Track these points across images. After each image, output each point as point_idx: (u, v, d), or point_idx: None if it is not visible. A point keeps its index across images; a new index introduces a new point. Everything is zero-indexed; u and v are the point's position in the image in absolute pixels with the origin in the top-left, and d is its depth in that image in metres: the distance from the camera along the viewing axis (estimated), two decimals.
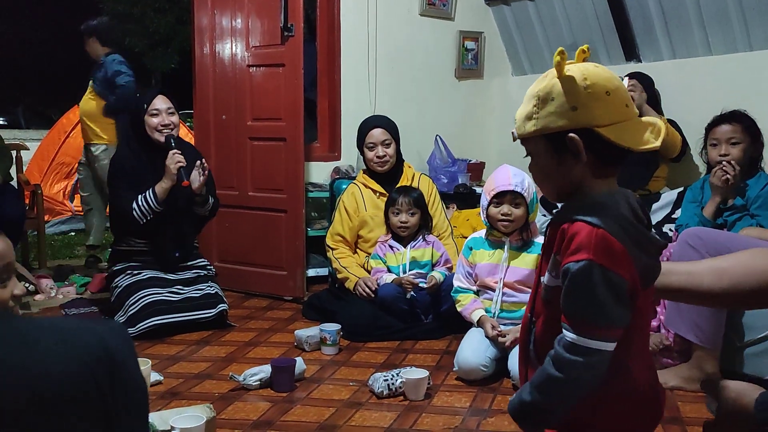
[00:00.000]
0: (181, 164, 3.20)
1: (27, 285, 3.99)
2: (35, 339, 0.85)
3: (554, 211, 3.76)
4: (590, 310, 1.12)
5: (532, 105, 1.21)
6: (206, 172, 3.27)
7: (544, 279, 1.24)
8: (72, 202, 6.63)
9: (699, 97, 3.67)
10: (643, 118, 1.20)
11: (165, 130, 3.29)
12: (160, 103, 3.31)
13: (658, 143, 1.16)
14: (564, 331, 1.15)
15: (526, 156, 1.28)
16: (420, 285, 3.21)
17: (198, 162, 3.27)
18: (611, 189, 1.20)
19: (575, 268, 1.12)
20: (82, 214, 6.47)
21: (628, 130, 1.16)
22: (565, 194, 1.25)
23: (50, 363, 0.83)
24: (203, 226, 3.61)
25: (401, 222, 3.31)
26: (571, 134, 1.16)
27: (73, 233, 6.37)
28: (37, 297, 3.91)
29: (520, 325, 2.68)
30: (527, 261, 2.71)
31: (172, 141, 3.27)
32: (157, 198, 3.20)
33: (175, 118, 3.35)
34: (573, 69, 1.18)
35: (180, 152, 3.24)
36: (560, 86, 1.17)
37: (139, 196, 3.22)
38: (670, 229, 3.16)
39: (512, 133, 1.28)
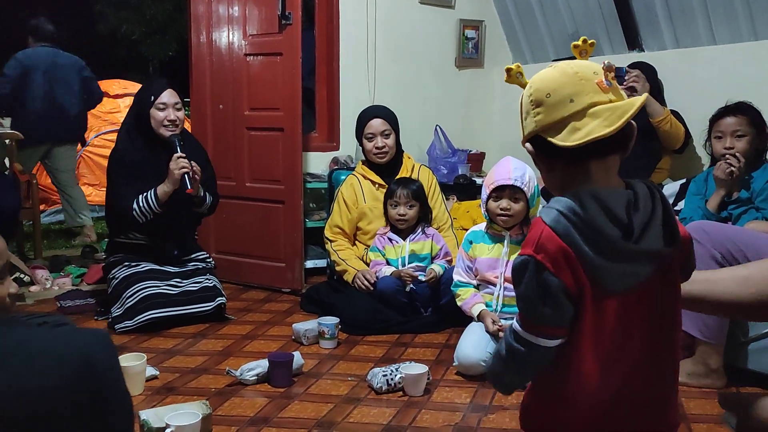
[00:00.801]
0: (185, 170, 3.12)
1: (22, 276, 3.96)
2: (11, 353, 0.81)
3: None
4: (522, 304, 1.15)
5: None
6: (198, 174, 3.19)
7: None
8: None
9: (703, 88, 3.62)
10: (611, 104, 1.13)
11: (171, 127, 3.21)
12: (168, 97, 3.23)
13: (607, 131, 1.09)
14: (515, 317, 1.19)
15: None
16: (419, 278, 3.17)
17: (191, 168, 3.16)
18: (588, 187, 1.14)
19: (517, 261, 1.15)
20: None
21: (569, 127, 1.13)
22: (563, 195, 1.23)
23: (26, 380, 0.79)
24: (200, 221, 3.55)
25: (399, 215, 3.26)
26: (525, 144, 1.21)
27: None
28: (32, 288, 3.86)
29: None
30: None
31: (177, 142, 3.18)
32: (159, 200, 3.15)
33: (181, 114, 3.26)
34: (532, 78, 1.21)
35: (185, 156, 3.15)
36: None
37: (140, 196, 3.16)
38: None
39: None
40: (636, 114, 1.11)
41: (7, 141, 4.76)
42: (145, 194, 3.16)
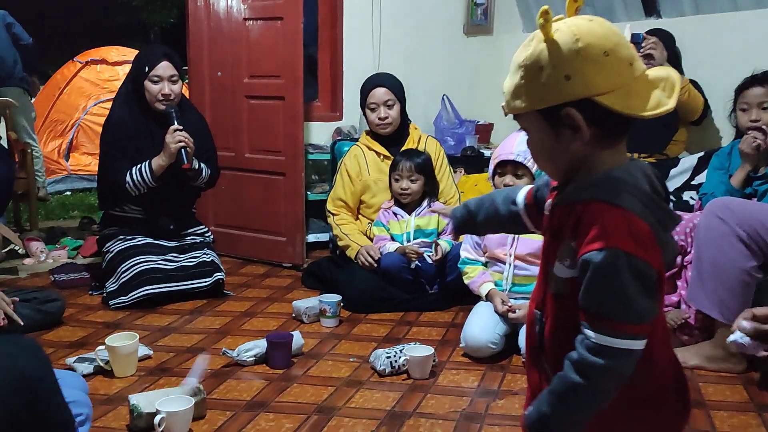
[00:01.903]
0: (182, 144, 2.99)
1: (16, 248, 3.86)
2: None
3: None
4: (618, 306, 0.96)
5: (519, 77, 1.03)
6: (192, 146, 3.04)
7: (555, 270, 1.06)
8: (68, 161, 6.46)
9: (724, 57, 3.46)
10: (652, 72, 1.01)
11: (166, 102, 3.06)
12: (164, 69, 3.07)
13: (671, 104, 0.98)
14: (585, 330, 0.99)
15: (520, 130, 1.11)
16: (426, 254, 3.05)
17: (188, 141, 3.03)
18: (624, 161, 1.02)
19: (598, 258, 0.96)
20: (78, 173, 6.35)
21: (634, 94, 0.98)
22: (568, 173, 1.07)
23: None
24: (200, 195, 3.43)
25: (402, 189, 3.13)
26: (568, 109, 0.99)
27: (68, 193, 6.22)
28: (26, 261, 3.76)
29: (526, 320, 2.53)
30: None
31: (174, 114, 3.04)
32: (153, 174, 3.02)
33: (177, 87, 3.11)
34: (562, 28, 0.99)
35: (182, 129, 3.01)
36: (548, 52, 0.99)
37: (134, 168, 3.03)
38: (692, 198, 2.98)
39: (502, 107, 1.10)
40: None
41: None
42: (139, 166, 3.04)
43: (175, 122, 3.03)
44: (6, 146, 4.48)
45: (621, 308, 0.96)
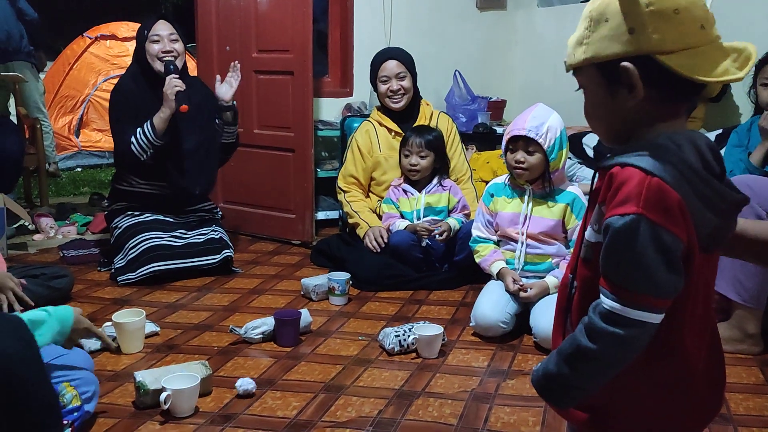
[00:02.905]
0: (178, 88, 2.94)
1: (26, 224, 3.85)
2: None
3: (589, 155, 3.50)
4: (635, 274, 0.92)
5: (584, 27, 1.00)
6: (238, 77, 3.07)
7: (586, 233, 1.03)
8: (78, 137, 6.44)
9: (746, 29, 3.35)
10: (728, 44, 0.96)
11: (166, 57, 3.03)
12: (162, 28, 3.06)
13: (740, 74, 0.93)
14: (602, 296, 0.95)
15: (578, 89, 1.06)
16: (435, 232, 3.00)
17: (232, 64, 3.06)
18: (675, 130, 0.98)
19: (619, 223, 0.92)
20: (89, 149, 6.34)
21: (700, 57, 0.93)
22: (620, 136, 1.03)
23: None
24: (223, 162, 3.37)
25: (411, 165, 3.07)
26: (625, 63, 0.95)
27: (79, 169, 6.21)
28: (36, 237, 3.76)
29: (551, 285, 2.47)
30: (553, 211, 2.48)
31: (172, 67, 3.01)
32: (156, 130, 2.96)
33: (178, 46, 3.08)
34: None
35: (178, 77, 2.99)
36: (617, 3, 0.95)
37: (137, 130, 2.98)
38: None
39: (564, 62, 1.06)
40: None
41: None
42: (141, 126, 2.98)
43: (172, 72, 2.99)
44: (15, 122, 4.48)
45: (638, 277, 0.92)
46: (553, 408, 1.10)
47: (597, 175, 1.04)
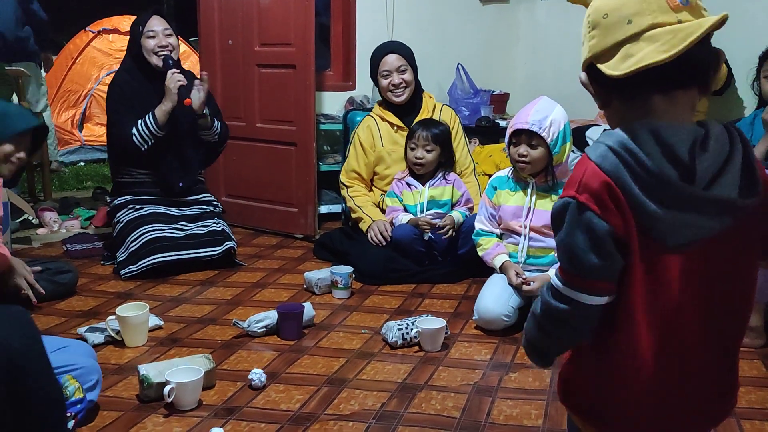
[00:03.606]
0: (181, 83, 3.01)
1: (30, 218, 3.86)
2: None
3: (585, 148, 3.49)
4: (566, 254, 0.98)
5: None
6: (206, 88, 3.07)
7: None
8: (81, 131, 6.45)
9: (749, 23, 3.34)
10: (675, 26, 0.92)
11: (163, 52, 3.07)
12: (156, 24, 3.09)
13: (660, 57, 0.90)
14: (554, 271, 1.02)
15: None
16: (438, 225, 3.01)
17: (196, 80, 3.09)
18: (642, 121, 0.96)
19: (557, 206, 0.99)
20: (92, 144, 6.35)
21: (621, 52, 0.94)
22: None
23: None
24: (215, 157, 3.40)
25: (416, 158, 3.07)
26: (581, 74, 1.02)
27: (82, 163, 6.22)
28: (40, 231, 3.77)
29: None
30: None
31: (170, 61, 3.07)
32: (158, 121, 3.02)
33: (173, 40, 3.12)
34: None
35: (179, 71, 3.05)
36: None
37: (139, 121, 3.04)
38: None
39: None
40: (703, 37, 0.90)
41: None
42: (143, 118, 3.04)
43: (172, 67, 3.05)
44: None
45: (567, 257, 0.97)
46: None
47: None
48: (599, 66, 0.96)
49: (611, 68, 0.94)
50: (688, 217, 0.93)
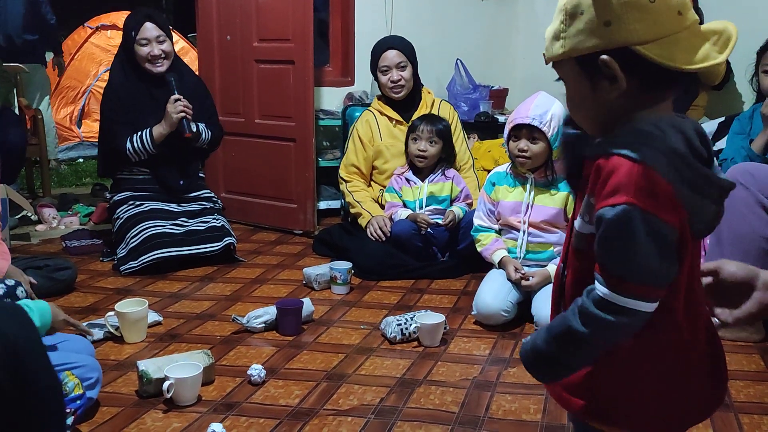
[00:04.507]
0: (183, 114, 3.02)
1: (29, 214, 3.86)
2: None
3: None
4: (628, 264, 0.92)
5: (560, 21, 0.98)
6: (190, 113, 3.06)
7: (576, 224, 1.03)
8: (80, 127, 6.44)
9: (748, 17, 3.33)
10: (706, 26, 0.95)
11: (156, 62, 3.07)
12: (149, 31, 3.06)
13: (722, 57, 0.92)
14: (596, 282, 0.95)
15: (558, 80, 1.05)
16: (437, 222, 3.00)
17: (189, 110, 3.05)
18: (659, 116, 0.97)
19: (611, 215, 0.91)
20: (90, 140, 6.34)
21: (679, 45, 0.92)
22: (605, 127, 1.01)
23: None
24: (207, 156, 3.42)
25: (420, 150, 3.07)
26: (604, 56, 0.94)
27: (81, 160, 6.22)
28: (39, 227, 3.77)
29: (553, 274, 2.48)
30: (555, 199, 2.48)
31: (174, 82, 3.07)
32: (154, 142, 3.05)
33: (166, 46, 3.10)
34: None
35: (181, 98, 3.04)
36: None
37: (135, 135, 3.05)
38: None
39: (543, 54, 1.05)
40: None
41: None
42: (140, 133, 3.05)
43: (176, 92, 3.05)
44: (17, 113, 4.48)
45: (631, 267, 0.92)
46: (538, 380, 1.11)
47: (582, 165, 1.03)
48: (652, 55, 0.92)
49: (675, 61, 0.92)
50: (712, 207, 0.96)
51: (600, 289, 0.94)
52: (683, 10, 0.93)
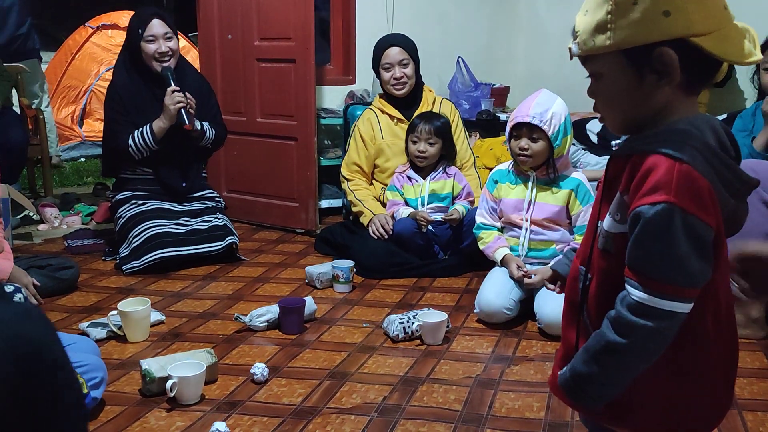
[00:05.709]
0: (181, 105, 3.00)
1: (31, 213, 3.86)
2: None
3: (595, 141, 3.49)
4: (666, 264, 0.90)
5: (605, 12, 0.94)
6: (193, 105, 3.05)
7: (604, 223, 1.00)
8: (81, 127, 6.44)
9: (750, 13, 3.32)
10: (742, 25, 0.96)
11: (164, 59, 3.05)
12: (157, 27, 3.05)
13: (760, 54, 0.93)
14: (628, 287, 0.93)
15: (589, 77, 1.02)
16: (437, 219, 3.00)
17: (187, 101, 3.04)
18: (694, 114, 0.96)
19: (650, 213, 0.89)
20: (92, 139, 6.34)
21: (729, 39, 0.92)
22: (635, 125, 0.99)
23: None
24: (210, 155, 3.42)
25: (419, 152, 3.07)
26: (664, 48, 0.91)
27: (83, 159, 6.22)
28: (41, 227, 3.77)
29: (567, 277, 2.48)
30: (557, 197, 2.48)
31: (170, 75, 3.04)
32: (155, 137, 3.04)
33: (173, 44, 3.09)
34: None
35: (179, 90, 3.02)
36: None
37: (136, 132, 3.05)
38: None
39: (569, 49, 1.01)
40: None
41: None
42: (140, 129, 3.05)
43: (172, 83, 3.03)
44: (18, 113, 4.48)
45: (669, 267, 0.90)
46: (582, 410, 1.07)
47: (609, 162, 1.02)
48: (709, 48, 0.91)
49: (729, 54, 0.92)
50: (742, 205, 0.97)
51: (635, 294, 0.92)
52: (726, 6, 0.94)
